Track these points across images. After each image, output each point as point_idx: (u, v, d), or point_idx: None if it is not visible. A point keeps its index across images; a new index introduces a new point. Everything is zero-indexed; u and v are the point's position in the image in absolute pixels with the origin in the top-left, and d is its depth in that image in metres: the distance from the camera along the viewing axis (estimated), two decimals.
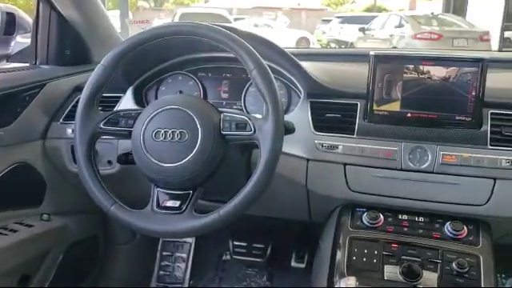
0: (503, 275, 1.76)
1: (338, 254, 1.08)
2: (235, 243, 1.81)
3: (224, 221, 0.92)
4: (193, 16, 11.23)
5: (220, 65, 1.33)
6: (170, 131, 0.95)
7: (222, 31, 0.96)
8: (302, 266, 1.77)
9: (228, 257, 1.85)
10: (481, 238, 1.06)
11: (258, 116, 0.97)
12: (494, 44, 10.82)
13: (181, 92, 1.34)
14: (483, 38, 10.23)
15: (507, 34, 13.27)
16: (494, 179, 1.05)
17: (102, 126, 1.01)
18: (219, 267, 1.87)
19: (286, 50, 1.22)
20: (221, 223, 0.92)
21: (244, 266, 1.86)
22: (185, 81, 1.36)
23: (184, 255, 1.88)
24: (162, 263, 1.88)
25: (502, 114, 1.07)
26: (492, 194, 1.05)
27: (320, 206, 1.25)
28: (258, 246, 1.81)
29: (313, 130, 1.15)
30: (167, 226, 0.95)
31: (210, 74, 1.35)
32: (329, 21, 16.39)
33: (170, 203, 0.96)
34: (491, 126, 1.06)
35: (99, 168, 1.02)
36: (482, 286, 0.97)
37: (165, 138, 0.95)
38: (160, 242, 1.91)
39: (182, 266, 1.86)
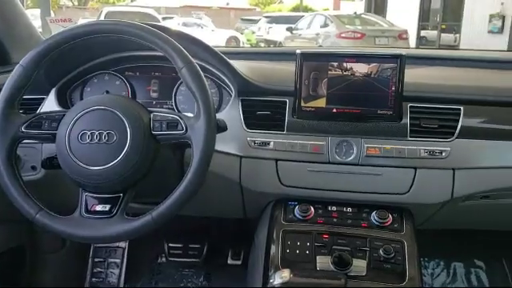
0: (426, 258, 1.89)
1: (273, 248, 1.10)
2: (170, 245, 1.79)
3: (157, 223, 0.90)
4: (119, 15, 10.87)
5: (148, 63, 1.31)
6: (97, 133, 0.92)
7: (150, 29, 0.95)
8: (239, 262, 1.78)
9: (163, 259, 1.83)
10: (404, 224, 1.13)
11: (190, 115, 0.97)
12: (412, 42, 11.49)
13: (107, 92, 1.30)
14: (402, 36, 10.82)
15: (423, 32, 14.17)
16: (415, 168, 1.12)
17: (23, 129, 0.95)
18: (155, 270, 1.84)
19: (216, 48, 1.22)
20: (154, 225, 0.90)
21: (180, 268, 1.84)
22: (111, 81, 1.32)
23: (117, 260, 1.82)
24: (95, 270, 1.82)
25: (420, 107, 1.14)
26: (413, 182, 1.12)
27: (254, 202, 1.27)
28: (193, 246, 1.80)
29: (244, 127, 1.16)
30: (97, 232, 0.91)
31: (138, 74, 1.32)
32: (250, 20, 16.60)
33: (99, 207, 0.93)
34: (410, 118, 1.13)
35: (22, 174, 0.96)
36: (407, 269, 1.03)
37: (91, 140, 0.92)
38: (91, 248, 1.84)
39: (116, 271, 1.81)
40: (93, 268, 1.82)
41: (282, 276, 1.00)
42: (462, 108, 1.14)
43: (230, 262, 1.80)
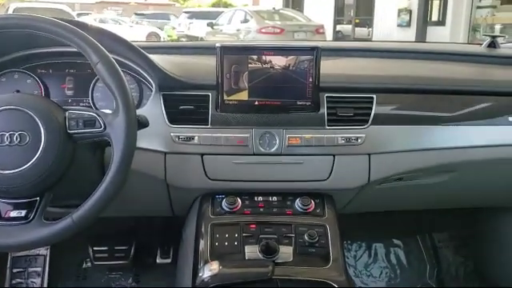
0: (349, 241, 1.99)
1: (201, 243, 1.10)
2: (95, 248, 1.72)
3: (79, 226, 0.87)
4: (28, 11, 10.19)
5: (62, 60, 1.25)
6: (8, 134, 0.86)
7: (61, 24, 0.90)
8: (168, 260, 1.76)
9: (89, 264, 1.76)
10: (326, 209, 1.17)
11: (108, 111, 0.94)
12: (329, 36, 11.93)
13: (18, 91, 1.22)
14: (319, 30, 11.21)
15: (339, 27, 14.75)
16: (333, 156, 1.17)
17: None
18: (80, 276, 1.77)
19: (134, 43, 1.19)
20: (76, 229, 0.87)
21: (107, 271, 1.79)
22: (22, 79, 1.24)
23: (38, 269, 1.73)
24: (14, 281, 1.71)
25: (336, 97, 1.19)
26: (332, 169, 1.17)
27: (181, 199, 1.26)
28: (120, 248, 1.75)
29: (167, 122, 1.15)
30: (13, 239, 0.86)
31: (51, 71, 1.25)
32: (143, 15, 16.33)
33: (14, 213, 0.88)
34: (328, 108, 1.17)
35: None
36: (331, 251, 1.08)
37: (2, 143, 0.86)
38: (9, 257, 1.73)
39: (37, 280, 1.71)
40: (11, 279, 1.70)
41: (210, 269, 1.01)
42: (374, 96, 1.20)
43: (159, 260, 1.77)
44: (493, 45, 1.70)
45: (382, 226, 1.94)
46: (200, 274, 1.02)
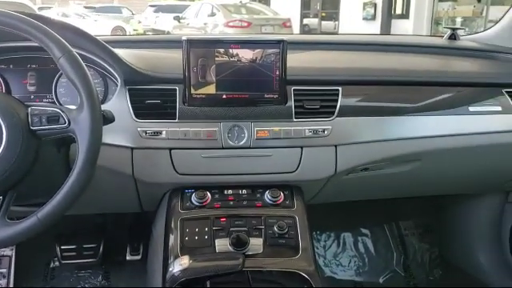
0: (318, 232, 2.02)
1: (171, 238, 1.09)
2: (63, 247, 1.69)
3: (44, 224, 0.85)
4: None
5: (23, 55, 1.21)
6: None
7: (22, 17, 0.88)
8: (138, 257, 1.75)
9: (57, 263, 1.72)
10: (295, 201, 1.19)
11: (72, 107, 0.92)
12: (296, 30, 11.98)
13: None
14: (286, 24, 11.26)
15: (306, 20, 14.85)
16: (301, 148, 1.18)
17: None
18: (47, 276, 1.73)
19: (98, 37, 1.17)
20: (41, 227, 0.85)
21: (76, 270, 1.76)
22: None
23: (3, 270, 1.68)
24: None
25: (303, 90, 1.21)
26: (300, 160, 1.18)
27: (150, 194, 1.25)
28: (88, 246, 1.72)
29: (134, 117, 1.13)
30: None
31: (11, 66, 1.22)
32: (91, 8, 16.01)
33: None
34: (295, 101, 1.18)
35: None
36: (300, 242, 1.09)
37: None
38: None
39: (3, 282, 1.67)
40: None
41: (180, 263, 1.00)
42: (340, 89, 1.22)
43: (129, 257, 1.75)
44: (453, 37, 1.76)
45: (350, 216, 1.98)
46: (170, 269, 1.02)
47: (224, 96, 1.15)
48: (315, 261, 1.09)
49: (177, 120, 1.14)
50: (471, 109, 1.29)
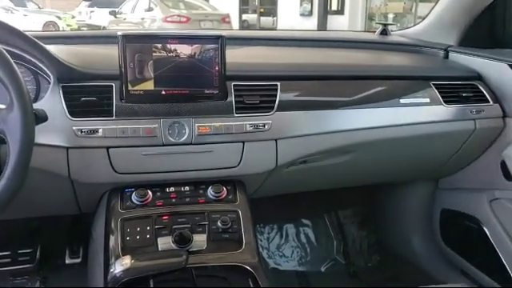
0: (261, 224, 2.05)
1: (112, 239, 1.07)
2: None
3: None
4: None
5: None
6: None
7: None
8: (78, 260, 1.69)
9: None
10: (238, 195, 1.20)
11: (2, 106, 0.87)
12: (235, 25, 12.00)
13: None
14: (225, 19, 11.24)
15: (244, 16, 14.90)
16: (243, 142, 1.19)
17: None
18: None
19: (28, 33, 1.11)
20: None
21: (11, 277, 1.67)
22: None
23: None
24: None
25: (243, 85, 1.21)
26: (242, 155, 1.19)
27: (88, 195, 1.21)
28: (24, 251, 1.64)
29: (68, 116, 1.09)
30: None
31: None
32: None
33: None
34: (235, 96, 1.19)
35: None
36: (243, 236, 1.10)
37: None
38: None
39: None
40: None
41: (122, 263, 0.98)
42: (278, 84, 1.25)
43: (68, 261, 1.69)
44: (385, 32, 1.84)
45: (291, 208, 2.02)
46: (111, 270, 1.00)
47: (163, 92, 1.13)
48: (258, 253, 1.11)
49: (114, 117, 1.11)
50: (402, 101, 1.36)
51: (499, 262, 1.52)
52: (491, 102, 1.45)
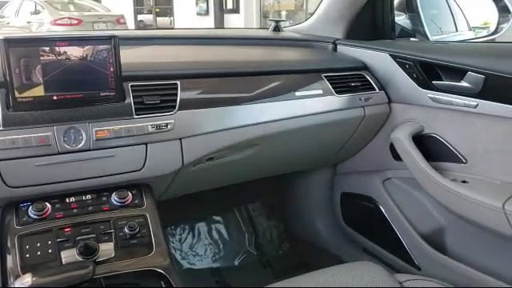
0: (173, 226, 2.03)
1: (9, 258, 0.99)
2: None
3: None
4: None
5: None
6: None
7: None
8: None
9: None
10: (144, 198, 1.17)
11: None
12: (131, 26, 11.64)
13: None
14: (120, 20, 10.91)
15: (140, 16, 14.53)
16: (146, 144, 1.17)
17: None
18: None
19: None
20: None
21: None
22: None
23: None
24: None
25: (141, 86, 1.19)
26: (146, 157, 1.17)
27: None
28: None
29: None
30: None
31: None
32: None
33: None
34: (133, 97, 1.16)
35: None
36: (153, 239, 1.08)
37: None
38: None
39: None
40: None
41: (22, 282, 0.92)
42: (178, 82, 1.24)
43: None
44: (277, 29, 1.91)
45: (202, 206, 2.03)
46: None
47: (55, 97, 1.07)
48: (170, 255, 1.10)
49: (1, 128, 1.03)
50: (297, 94, 1.42)
51: (395, 236, 1.66)
52: (377, 90, 1.57)
